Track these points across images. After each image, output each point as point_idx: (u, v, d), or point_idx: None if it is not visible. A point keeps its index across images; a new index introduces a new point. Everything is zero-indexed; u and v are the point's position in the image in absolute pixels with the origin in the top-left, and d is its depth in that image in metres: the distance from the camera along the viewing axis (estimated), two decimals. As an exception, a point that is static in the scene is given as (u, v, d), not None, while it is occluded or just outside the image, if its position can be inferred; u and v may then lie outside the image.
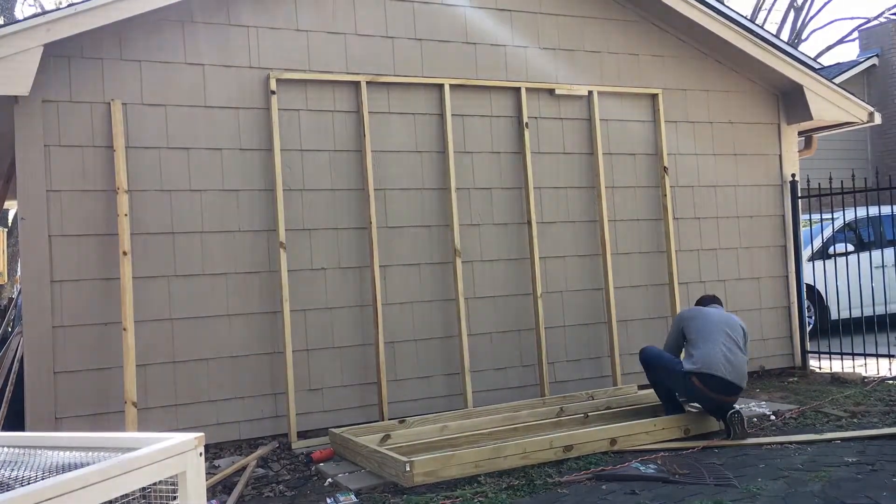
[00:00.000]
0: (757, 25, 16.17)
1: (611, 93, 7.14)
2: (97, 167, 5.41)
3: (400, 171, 6.32)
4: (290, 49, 5.98)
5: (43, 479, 1.87)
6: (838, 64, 17.05)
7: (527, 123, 6.73)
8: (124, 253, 5.32)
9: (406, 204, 6.32)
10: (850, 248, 10.03)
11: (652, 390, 6.45)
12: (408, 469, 4.60)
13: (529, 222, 6.69)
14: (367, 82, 6.17)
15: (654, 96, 7.33)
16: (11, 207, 12.26)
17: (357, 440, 5.19)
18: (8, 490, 1.80)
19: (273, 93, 5.85)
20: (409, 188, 6.34)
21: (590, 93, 7.03)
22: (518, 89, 6.73)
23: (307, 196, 5.99)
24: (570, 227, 6.95)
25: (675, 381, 5.65)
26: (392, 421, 5.81)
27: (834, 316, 9.53)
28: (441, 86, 6.44)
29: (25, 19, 5.16)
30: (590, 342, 6.97)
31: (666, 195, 7.27)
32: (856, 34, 22.08)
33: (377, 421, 5.92)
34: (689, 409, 5.91)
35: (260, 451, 5.44)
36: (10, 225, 14.15)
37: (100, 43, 5.43)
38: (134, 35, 5.54)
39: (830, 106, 7.78)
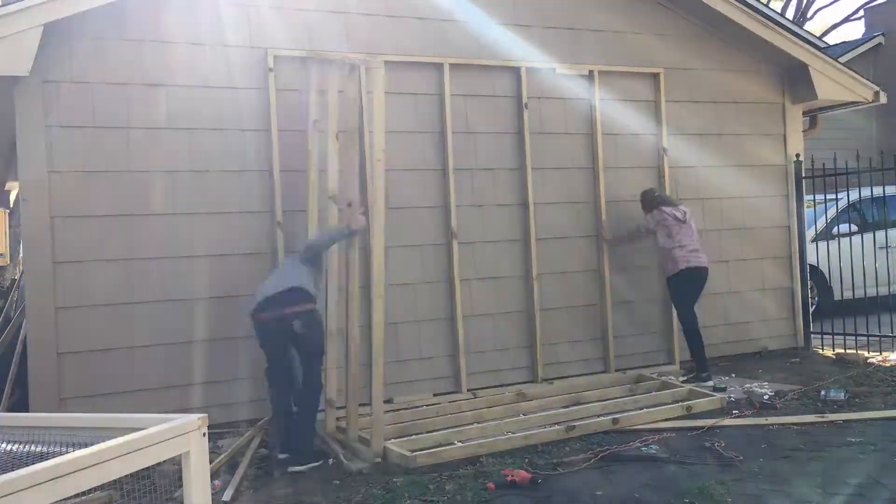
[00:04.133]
0: (762, 4, 15.99)
1: (612, 72, 7.09)
2: (98, 148, 5.39)
3: (401, 152, 6.28)
4: (290, 28, 5.93)
5: (49, 459, 1.88)
6: (844, 43, 16.91)
7: (526, 104, 6.69)
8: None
9: (407, 185, 6.30)
10: (854, 228, 9.99)
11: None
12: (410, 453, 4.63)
13: (526, 203, 6.67)
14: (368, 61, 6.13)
15: (655, 75, 7.28)
16: (13, 189, 12.25)
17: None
18: (10, 471, 1.81)
19: (271, 70, 5.80)
20: (410, 169, 6.32)
21: (591, 72, 6.98)
22: (518, 69, 6.69)
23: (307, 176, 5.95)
24: (571, 207, 6.93)
25: None
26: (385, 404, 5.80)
27: (837, 297, 9.52)
28: (441, 65, 6.39)
29: (24, -1, 5.11)
30: (591, 324, 6.97)
31: (664, 176, 7.24)
32: (862, 13, 21.88)
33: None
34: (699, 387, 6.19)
35: (260, 431, 5.46)
36: (11, 206, 14.15)
37: (100, 23, 5.39)
38: (134, 15, 5.50)
39: (836, 85, 7.73)
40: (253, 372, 5.72)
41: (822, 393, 6.02)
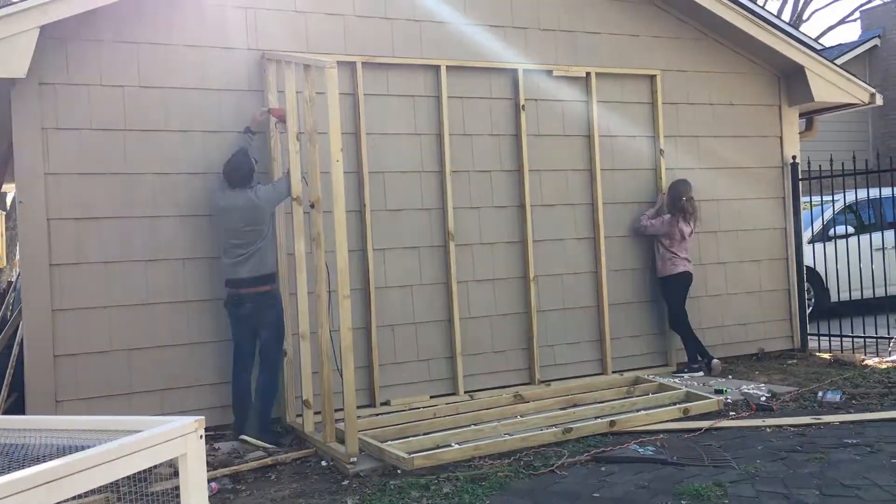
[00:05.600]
0: (758, 6, 16.06)
1: (609, 74, 7.10)
2: (95, 150, 5.38)
3: (398, 154, 6.28)
4: (288, 30, 5.93)
5: (45, 462, 1.88)
6: (840, 45, 16.94)
7: (523, 106, 6.70)
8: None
9: (404, 187, 6.30)
10: (851, 230, 10.02)
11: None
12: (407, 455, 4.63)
13: (524, 205, 6.68)
14: (364, 63, 6.13)
15: (652, 77, 7.29)
16: (10, 191, 12.22)
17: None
18: (6, 473, 1.81)
19: (268, 74, 5.79)
20: (407, 171, 6.31)
21: (587, 74, 6.98)
22: (515, 71, 6.69)
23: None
24: (568, 209, 6.93)
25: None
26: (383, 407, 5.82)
27: (833, 298, 9.54)
28: (438, 67, 6.39)
29: (21, 0, 5.10)
30: (588, 326, 6.97)
31: (661, 178, 7.25)
32: (857, 14, 21.96)
33: (369, 405, 5.98)
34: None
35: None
36: (8, 208, 14.12)
37: (97, 24, 5.39)
38: (131, 17, 5.49)
39: (832, 87, 7.75)
40: (250, 374, 5.72)
41: (819, 395, 6.02)
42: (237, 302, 5.40)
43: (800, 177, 7.98)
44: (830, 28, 29.04)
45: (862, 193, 10.25)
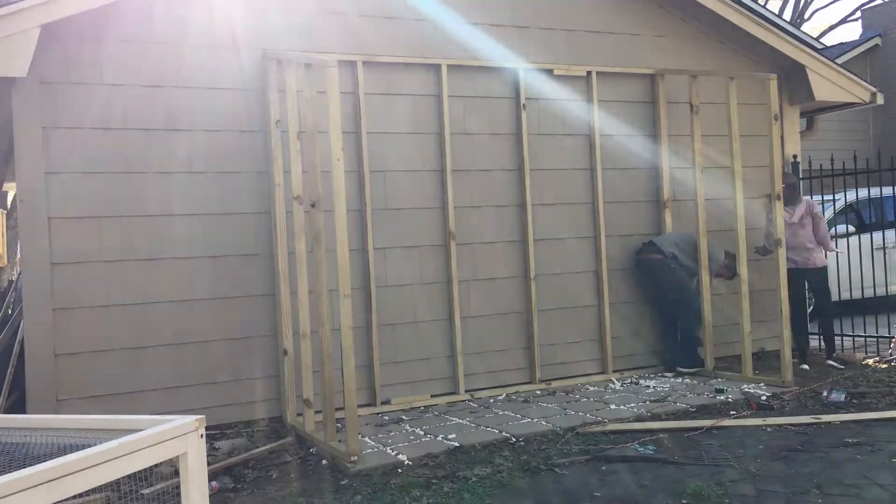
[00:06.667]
0: (759, 5, 16.03)
1: (610, 73, 7.09)
2: (96, 149, 5.38)
3: (399, 153, 6.28)
4: (291, 29, 5.93)
5: (46, 461, 1.88)
6: (841, 44, 16.93)
7: (524, 105, 6.69)
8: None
9: (405, 186, 6.30)
10: (852, 229, 10.01)
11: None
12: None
13: (524, 204, 6.68)
14: (364, 62, 6.13)
15: (653, 77, 7.29)
16: (10, 189, 12.23)
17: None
18: (7, 473, 1.81)
19: (269, 73, 5.79)
20: (408, 170, 6.32)
21: (588, 73, 6.98)
22: (516, 70, 6.69)
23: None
24: (569, 209, 6.93)
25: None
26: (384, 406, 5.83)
27: (834, 298, 9.51)
28: (438, 66, 6.39)
29: (22, -1, 5.10)
30: (589, 325, 6.97)
31: (663, 177, 7.24)
32: (859, 14, 21.93)
33: (369, 404, 5.98)
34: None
35: (260, 432, 5.46)
36: (9, 207, 14.12)
37: (98, 24, 5.39)
38: (132, 15, 5.49)
39: (833, 86, 7.73)
40: (247, 374, 5.72)
41: (825, 394, 6.02)
42: None
43: (800, 176, 7.96)
44: (831, 27, 28.94)
45: (863, 193, 10.24)
